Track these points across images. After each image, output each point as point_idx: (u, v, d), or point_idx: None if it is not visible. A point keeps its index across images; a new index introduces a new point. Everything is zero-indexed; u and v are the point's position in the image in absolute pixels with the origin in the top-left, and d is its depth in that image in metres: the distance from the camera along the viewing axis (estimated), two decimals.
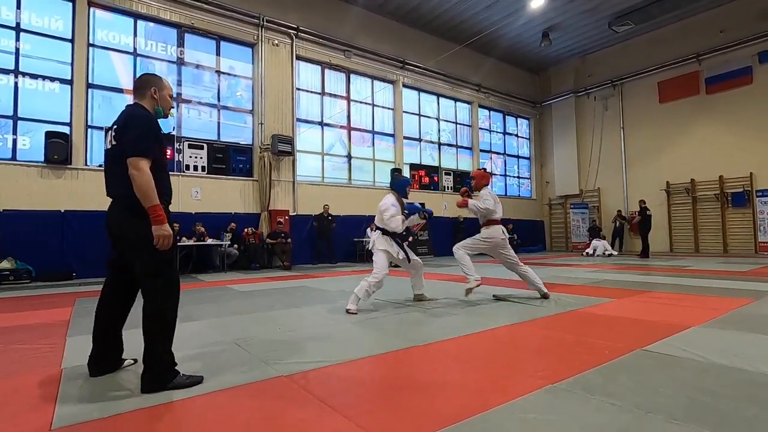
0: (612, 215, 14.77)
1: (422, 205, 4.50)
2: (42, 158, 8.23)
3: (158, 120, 2.34)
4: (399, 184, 4.59)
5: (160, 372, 2.09)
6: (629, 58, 15.46)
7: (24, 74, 8.37)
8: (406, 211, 4.40)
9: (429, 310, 4.20)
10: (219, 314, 4.19)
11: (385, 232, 4.29)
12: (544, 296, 4.64)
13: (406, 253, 4.37)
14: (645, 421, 1.66)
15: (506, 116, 17.86)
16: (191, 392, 2.06)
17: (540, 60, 17.13)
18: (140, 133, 2.14)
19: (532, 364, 2.44)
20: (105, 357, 2.32)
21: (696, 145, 13.94)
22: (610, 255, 12.83)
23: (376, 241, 4.30)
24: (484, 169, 4.86)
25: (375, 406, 1.88)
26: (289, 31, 11.47)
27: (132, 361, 2.46)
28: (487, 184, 4.78)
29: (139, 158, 2.08)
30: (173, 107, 2.50)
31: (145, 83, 2.38)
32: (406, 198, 4.54)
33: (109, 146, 2.25)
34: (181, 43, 10.18)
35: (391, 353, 2.70)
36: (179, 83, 10.09)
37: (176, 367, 2.15)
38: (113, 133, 2.20)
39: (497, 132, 17.57)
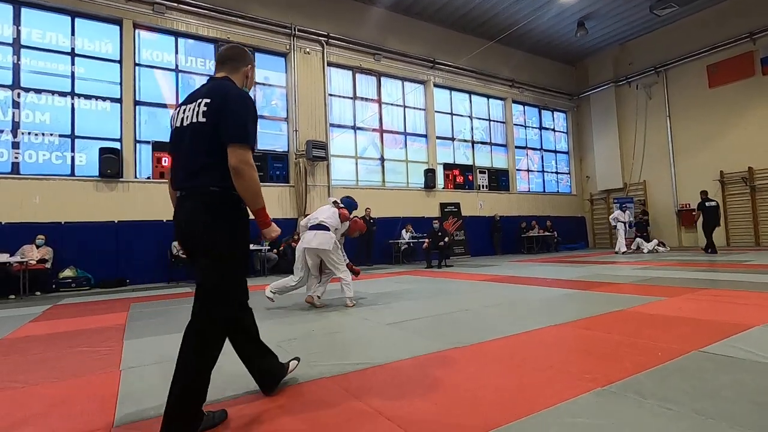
0: (662, 208, 13.94)
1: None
2: (96, 173, 8.82)
3: None
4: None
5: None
6: (673, 43, 14.60)
7: (79, 95, 9.01)
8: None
9: (465, 312, 4.14)
10: (262, 317, 4.32)
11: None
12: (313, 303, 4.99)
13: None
14: (706, 427, 1.56)
15: (542, 110, 17.34)
16: (237, 392, 2.13)
17: (576, 50, 16.51)
18: (248, 119, 1.75)
19: (579, 366, 2.35)
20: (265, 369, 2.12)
21: (752, 131, 12.96)
22: (655, 249, 12.10)
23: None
24: None
25: (417, 408, 1.87)
26: (320, 38, 11.69)
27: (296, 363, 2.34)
28: None
29: (247, 149, 1.72)
30: None
31: (241, 57, 1.96)
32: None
33: (193, 120, 1.77)
34: None
35: (432, 355, 2.69)
36: None
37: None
38: (204, 108, 1.75)
39: (533, 127, 17.09)
